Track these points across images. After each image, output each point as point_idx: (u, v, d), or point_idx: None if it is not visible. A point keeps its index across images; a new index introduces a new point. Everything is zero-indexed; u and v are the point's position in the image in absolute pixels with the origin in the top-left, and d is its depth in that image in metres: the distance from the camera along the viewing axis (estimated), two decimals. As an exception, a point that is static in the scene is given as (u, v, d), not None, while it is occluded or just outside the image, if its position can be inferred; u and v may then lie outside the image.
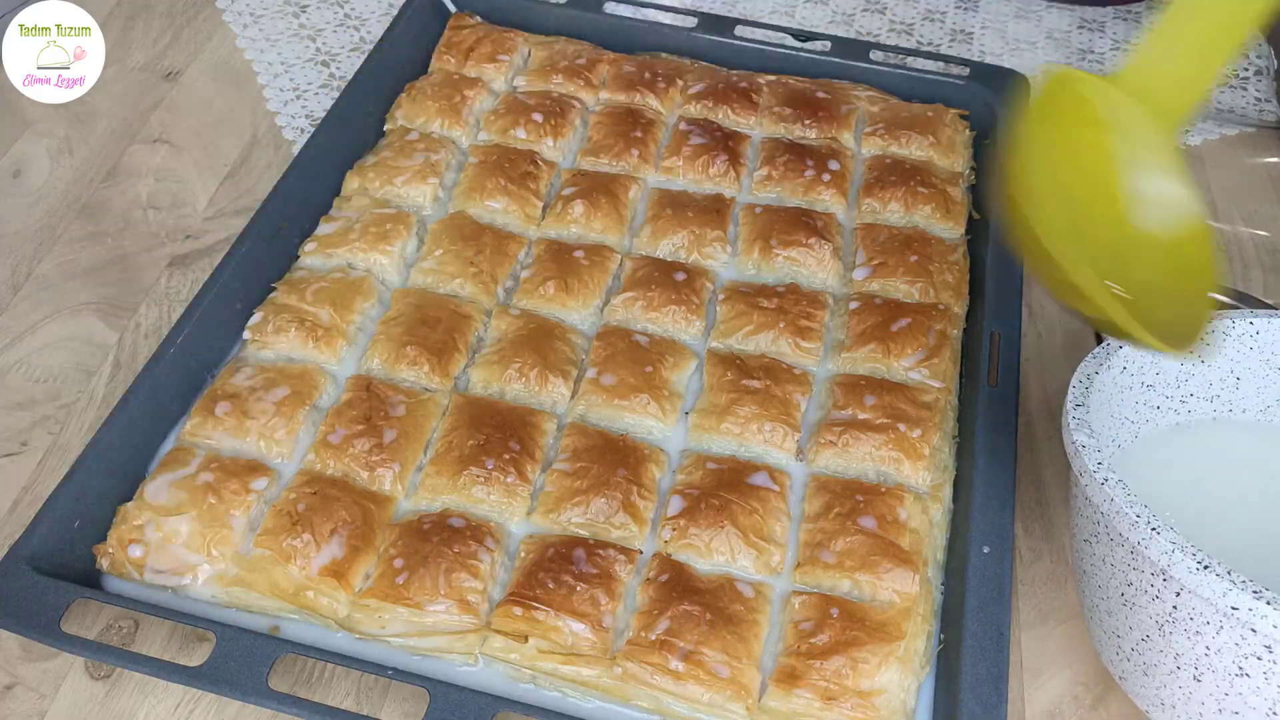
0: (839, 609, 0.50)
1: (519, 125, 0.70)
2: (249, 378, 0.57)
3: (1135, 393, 0.52)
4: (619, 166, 0.69)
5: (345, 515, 0.51)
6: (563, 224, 0.66)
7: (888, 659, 0.48)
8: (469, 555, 0.50)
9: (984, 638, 0.48)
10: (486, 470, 0.54)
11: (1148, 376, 0.51)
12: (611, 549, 0.51)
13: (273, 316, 0.59)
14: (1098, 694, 0.52)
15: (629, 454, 0.55)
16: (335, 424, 0.55)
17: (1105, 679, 0.52)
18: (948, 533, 0.54)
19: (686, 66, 0.76)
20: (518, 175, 0.67)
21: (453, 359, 0.59)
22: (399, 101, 0.73)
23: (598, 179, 0.68)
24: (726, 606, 0.50)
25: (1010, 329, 0.60)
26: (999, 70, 0.76)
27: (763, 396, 0.57)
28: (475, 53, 0.75)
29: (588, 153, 0.70)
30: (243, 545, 0.51)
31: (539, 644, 0.49)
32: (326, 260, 0.63)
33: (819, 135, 0.72)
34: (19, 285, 0.67)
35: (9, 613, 0.47)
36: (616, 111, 0.72)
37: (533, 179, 0.68)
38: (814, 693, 0.47)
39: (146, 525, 0.51)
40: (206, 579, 0.50)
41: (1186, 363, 0.52)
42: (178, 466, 0.53)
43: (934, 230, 0.67)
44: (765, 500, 0.54)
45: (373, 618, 0.49)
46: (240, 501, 0.52)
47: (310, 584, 0.50)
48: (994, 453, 0.55)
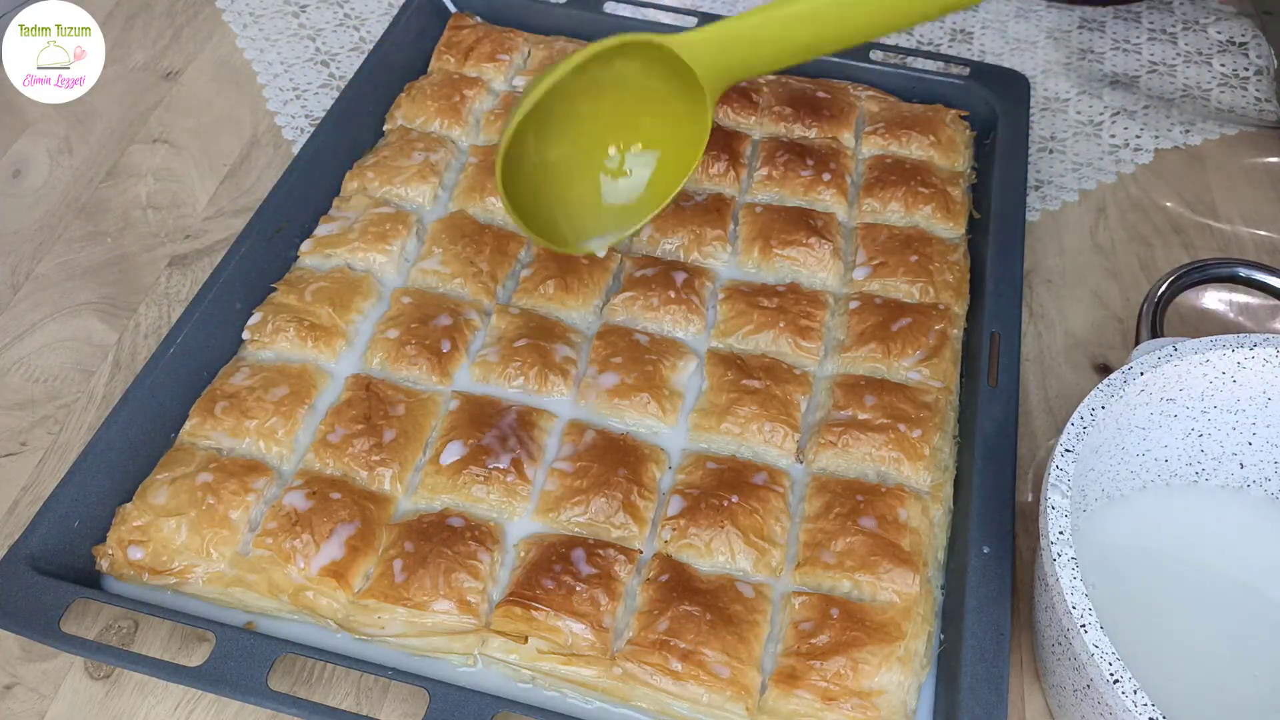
0: (839, 609, 0.50)
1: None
2: (248, 377, 0.57)
3: (1152, 407, 0.51)
4: (618, 166, 0.69)
5: (345, 515, 0.51)
6: (562, 224, 0.66)
7: (888, 659, 0.48)
8: (469, 555, 0.50)
9: (984, 638, 0.48)
10: (486, 470, 0.53)
11: (1169, 391, 0.50)
12: (611, 549, 0.51)
13: (272, 316, 0.59)
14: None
15: (629, 453, 0.55)
16: (335, 423, 0.55)
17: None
18: (948, 533, 0.54)
19: (686, 66, 0.76)
20: (518, 175, 0.67)
21: (452, 358, 0.59)
22: (398, 101, 0.73)
23: (598, 179, 0.68)
24: (727, 607, 0.50)
25: (1010, 329, 0.60)
26: (999, 70, 0.76)
27: (763, 396, 0.57)
28: (475, 52, 0.75)
29: (588, 152, 0.70)
30: (242, 545, 0.51)
31: (538, 644, 0.48)
32: (326, 260, 0.63)
33: (819, 135, 0.72)
34: (18, 285, 0.67)
35: (8, 613, 0.47)
36: (616, 111, 0.72)
37: (532, 179, 0.68)
38: (814, 693, 0.47)
39: (146, 526, 0.51)
40: (206, 579, 0.50)
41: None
42: (177, 467, 0.53)
43: (934, 230, 0.67)
44: (765, 500, 0.53)
45: (372, 618, 0.49)
46: (239, 501, 0.52)
47: (310, 584, 0.50)
48: (994, 453, 0.55)
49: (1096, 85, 0.82)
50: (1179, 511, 0.54)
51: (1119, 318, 0.67)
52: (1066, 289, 0.69)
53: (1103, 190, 0.75)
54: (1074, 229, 0.72)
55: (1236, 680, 0.49)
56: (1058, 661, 0.46)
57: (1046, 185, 0.75)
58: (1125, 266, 0.70)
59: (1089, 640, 0.40)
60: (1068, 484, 0.45)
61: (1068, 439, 0.47)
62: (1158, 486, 0.54)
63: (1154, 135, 0.79)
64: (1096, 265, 0.70)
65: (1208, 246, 0.71)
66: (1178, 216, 0.73)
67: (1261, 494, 0.54)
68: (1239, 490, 0.54)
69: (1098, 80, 0.83)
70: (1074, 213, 0.74)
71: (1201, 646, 0.50)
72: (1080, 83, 0.82)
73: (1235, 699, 0.48)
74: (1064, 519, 0.44)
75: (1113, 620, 0.44)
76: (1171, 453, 0.53)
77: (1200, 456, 0.53)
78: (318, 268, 0.63)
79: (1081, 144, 0.78)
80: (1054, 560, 0.43)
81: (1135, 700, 0.39)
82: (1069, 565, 0.42)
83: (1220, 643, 0.50)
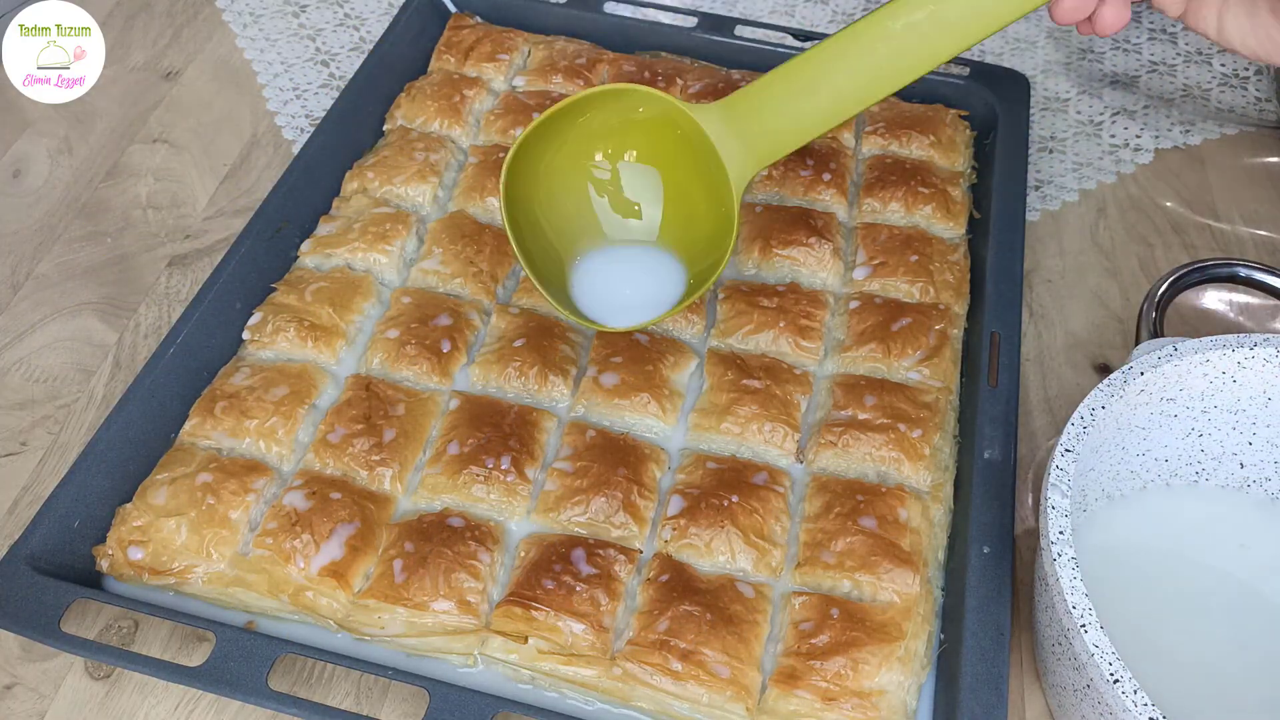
0: (839, 609, 0.50)
1: (519, 126, 0.70)
2: (248, 377, 0.57)
3: (1152, 407, 0.51)
4: (619, 166, 0.69)
5: (345, 515, 0.51)
6: (563, 224, 0.66)
7: (888, 659, 0.48)
8: (469, 555, 0.50)
9: (984, 638, 0.48)
10: (486, 469, 0.53)
11: (1169, 391, 0.50)
12: (612, 549, 0.51)
13: (272, 316, 0.59)
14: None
15: (630, 453, 0.55)
16: (335, 423, 0.55)
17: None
18: (948, 532, 0.54)
19: (686, 66, 0.76)
20: (518, 175, 0.67)
21: (452, 358, 0.59)
22: (398, 101, 0.73)
23: (598, 179, 0.68)
24: (727, 607, 0.50)
25: (1010, 329, 0.60)
26: (999, 70, 0.76)
27: (763, 396, 0.57)
28: (475, 52, 0.75)
29: (587, 153, 0.70)
30: (242, 545, 0.51)
31: (538, 644, 0.48)
32: (326, 260, 0.63)
33: (819, 135, 0.71)
34: (19, 285, 0.67)
35: (8, 613, 0.47)
36: (616, 111, 0.72)
37: (533, 178, 0.68)
38: (814, 693, 0.47)
39: (146, 526, 0.51)
40: (206, 579, 0.50)
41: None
42: (177, 467, 0.53)
43: (934, 230, 0.67)
44: (766, 500, 0.53)
45: (372, 618, 0.49)
46: (239, 502, 0.52)
47: (310, 584, 0.50)
48: (994, 453, 0.55)
49: (1096, 85, 0.82)
50: (1180, 511, 0.54)
51: (1119, 318, 0.67)
52: (1066, 289, 0.69)
53: (1103, 190, 0.75)
54: (1074, 229, 0.72)
55: (1236, 680, 0.49)
56: (1058, 661, 0.46)
57: (1046, 185, 0.75)
58: (1125, 266, 0.70)
59: (1089, 640, 0.40)
60: (1068, 484, 0.45)
61: (1068, 439, 0.47)
62: (1158, 486, 0.54)
63: (1154, 135, 0.79)
64: (1096, 265, 0.70)
65: (1208, 246, 0.71)
66: (1178, 216, 0.73)
67: (1262, 494, 0.54)
68: (1239, 490, 0.54)
69: (1098, 80, 0.83)
70: (1074, 212, 0.74)
71: (1201, 646, 0.50)
72: (1080, 82, 0.83)
73: (1235, 699, 0.48)
74: (1064, 519, 0.44)
75: (1113, 620, 0.44)
76: (1172, 452, 0.53)
77: (1200, 456, 0.53)
78: (318, 268, 0.63)
79: (1081, 144, 0.78)
80: (1054, 560, 0.43)
81: (1135, 700, 0.39)
82: (1069, 565, 0.42)
83: (1220, 643, 0.50)
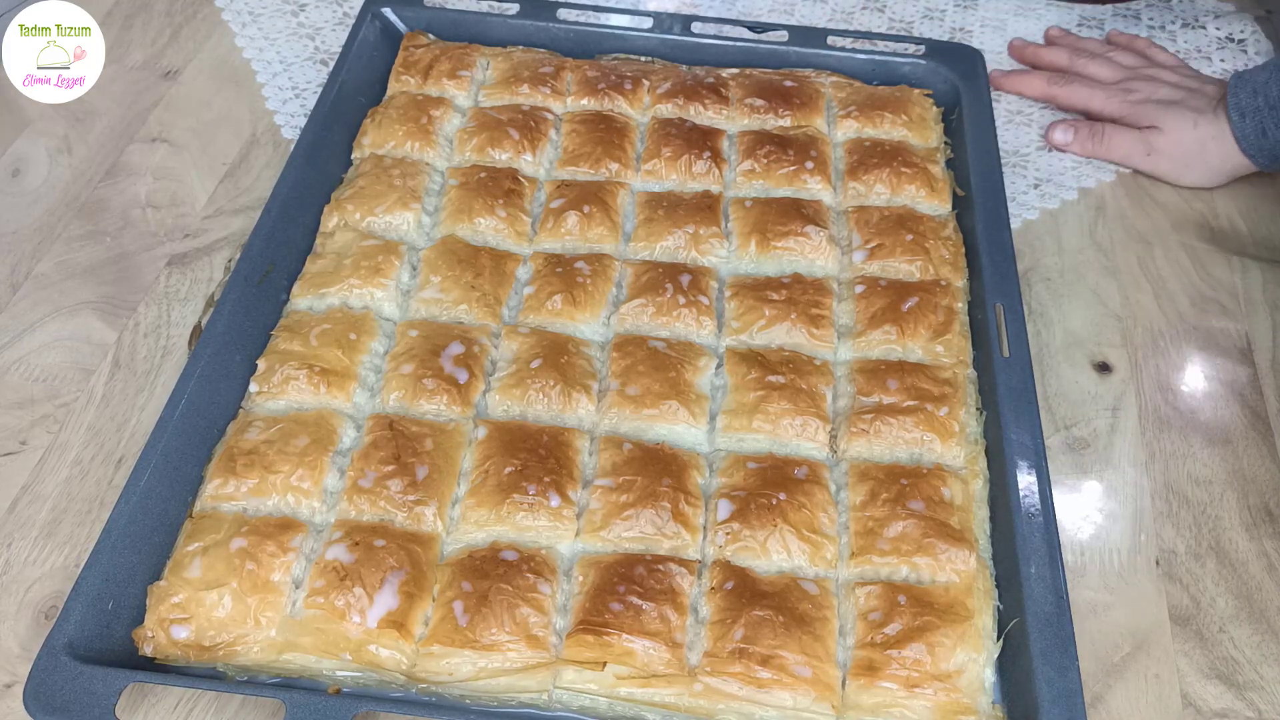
0: (906, 596, 0.50)
1: (496, 144, 0.69)
2: (263, 431, 0.54)
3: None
4: (598, 174, 0.68)
5: (394, 562, 0.49)
6: (556, 236, 0.65)
7: (962, 639, 0.48)
8: (529, 589, 0.49)
9: (1045, 603, 0.49)
10: (529, 496, 0.52)
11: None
12: (671, 563, 0.51)
13: (278, 365, 0.56)
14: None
15: (670, 462, 0.54)
16: (364, 467, 0.53)
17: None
18: (988, 505, 0.55)
19: (650, 67, 0.76)
20: (503, 193, 0.66)
21: (471, 386, 0.57)
22: (364, 128, 0.70)
23: (584, 188, 0.67)
24: (796, 606, 0.49)
25: (1011, 299, 0.61)
26: (952, 46, 0.77)
27: (790, 391, 0.57)
28: (434, 70, 0.73)
29: (565, 162, 0.69)
30: (289, 607, 0.49)
31: (615, 670, 0.47)
32: (319, 300, 0.61)
33: (793, 123, 0.72)
34: (18, 284, 0.66)
35: (58, 708, 0.44)
36: (588, 118, 0.71)
37: (518, 195, 0.66)
38: (896, 682, 0.47)
39: (185, 602, 0.48)
40: (259, 648, 0.48)
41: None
42: (206, 535, 0.50)
43: (921, 208, 0.68)
44: (811, 494, 0.53)
45: (439, 664, 0.48)
46: (280, 563, 0.49)
47: (370, 638, 0.48)
48: (1020, 420, 0.55)
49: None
50: None
51: (1118, 316, 0.67)
52: (1065, 287, 0.68)
53: (1102, 188, 0.75)
54: (1073, 227, 0.72)
55: None
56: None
57: (1046, 183, 0.75)
58: (1124, 265, 0.70)
59: None
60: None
61: None
62: None
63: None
64: (1095, 264, 0.70)
65: (1207, 244, 0.71)
66: (1177, 215, 0.73)
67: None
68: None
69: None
70: (1073, 211, 0.73)
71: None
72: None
73: None
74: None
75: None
76: None
77: None
78: (312, 309, 0.60)
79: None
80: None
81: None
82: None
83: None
